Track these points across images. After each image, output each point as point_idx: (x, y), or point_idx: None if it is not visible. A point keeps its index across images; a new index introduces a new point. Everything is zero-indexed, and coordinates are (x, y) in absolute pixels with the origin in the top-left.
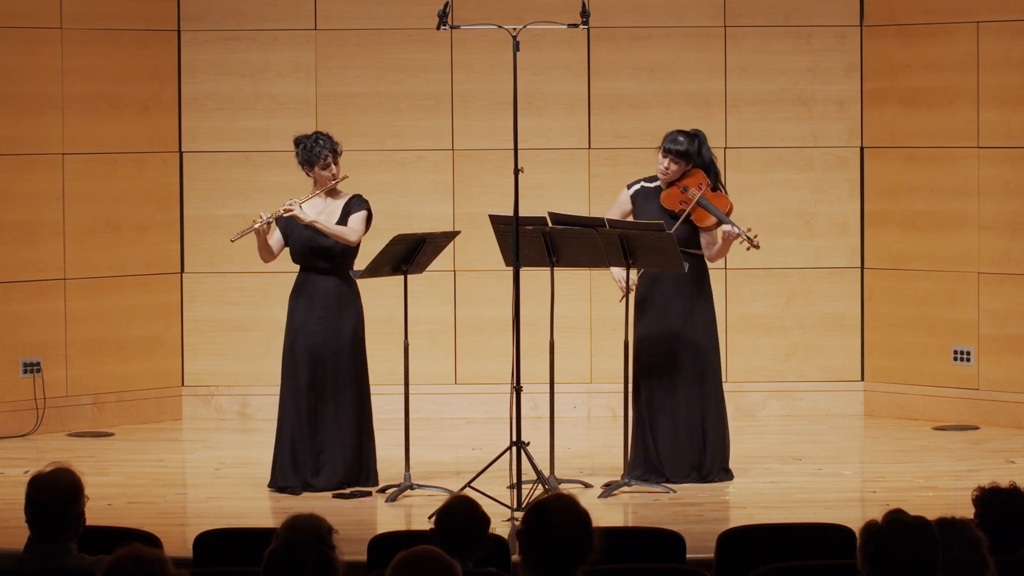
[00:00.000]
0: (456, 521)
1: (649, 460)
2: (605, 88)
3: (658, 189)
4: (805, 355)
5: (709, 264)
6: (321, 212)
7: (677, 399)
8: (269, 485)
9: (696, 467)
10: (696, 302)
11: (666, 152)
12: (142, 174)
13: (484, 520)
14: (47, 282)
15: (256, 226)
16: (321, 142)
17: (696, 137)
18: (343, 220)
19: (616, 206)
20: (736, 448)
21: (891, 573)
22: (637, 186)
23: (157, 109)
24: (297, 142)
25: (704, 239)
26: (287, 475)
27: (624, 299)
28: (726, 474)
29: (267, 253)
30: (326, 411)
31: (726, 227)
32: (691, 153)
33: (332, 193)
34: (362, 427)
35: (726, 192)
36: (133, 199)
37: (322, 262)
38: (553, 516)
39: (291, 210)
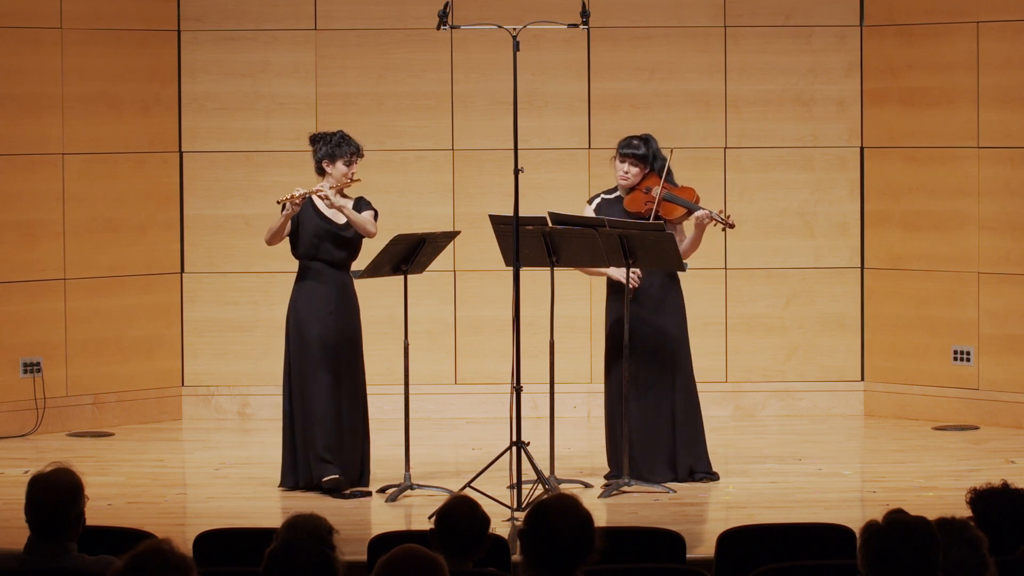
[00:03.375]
0: (456, 521)
1: (619, 459)
2: (605, 88)
3: (618, 198)
4: (805, 355)
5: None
6: (329, 210)
7: (647, 401)
8: (283, 485)
9: (671, 466)
10: (664, 306)
11: (623, 157)
12: (142, 174)
13: (484, 520)
14: (47, 282)
15: (296, 197)
16: (347, 139)
17: (649, 141)
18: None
19: None
20: (736, 448)
21: (891, 573)
22: (598, 199)
23: (157, 109)
24: (318, 138)
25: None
26: (322, 468)
27: (632, 294)
28: (708, 475)
29: (280, 236)
30: (343, 406)
31: (698, 212)
32: (647, 156)
33: (340, 194)
34: (366, 425)
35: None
36: (133, 199)
37: (334, 251)
38: (555, 516)
39: (324, 193)
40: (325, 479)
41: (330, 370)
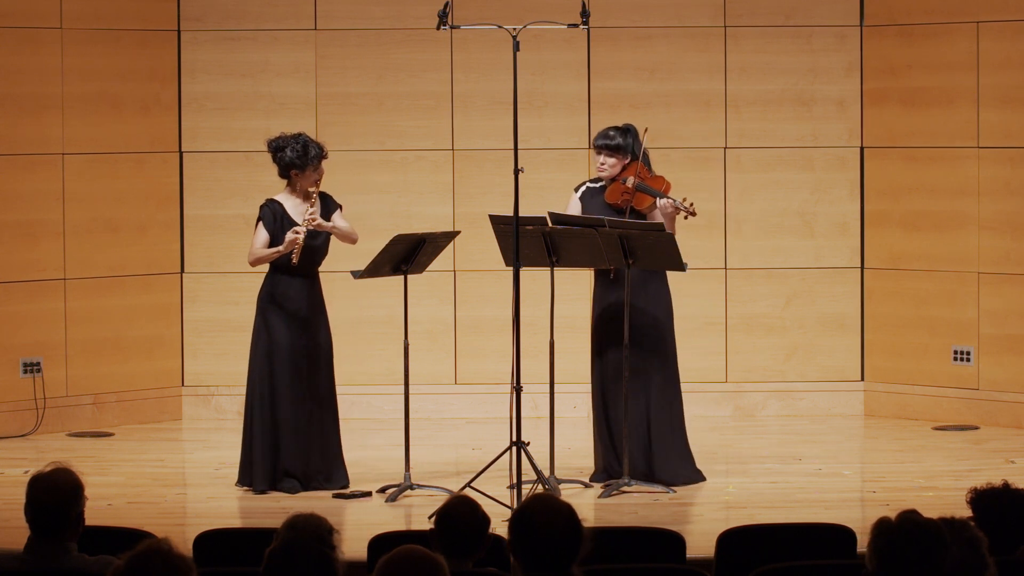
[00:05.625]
0: (456, 521)
1: (610, 460)
2: (605, 88)
3: (602, 188)
4: (805, 355)
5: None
6: (302, 215)
7: (634, 396)
8: (242, 484)
9: (646, 468)
10: (649, 300)
11: (599, 149)
12: (142, 174)
13: (484, 520)
14: (47, 282)
15: (300, 242)
16: (311, 144)
17: (628, 131)
18: (325, 219)
19: (570, 210)
20: (736, 448)
21: (898, 571)
22: (583, 187)
23: (157, 109)
24: (280, 145)
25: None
26: (265, 477)
27: (688, 216)
28: (694, 474)
29: (266, 263)
30: (310, 413)
31: (661, 201)
32: (624, 146)
33: (304, 195)
34: (337, 426)
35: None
36: (133, 199)
37: (308, 264)
38: (539, 518)
39: (316, 220)
40: (288, 492)
41: (301, 378)
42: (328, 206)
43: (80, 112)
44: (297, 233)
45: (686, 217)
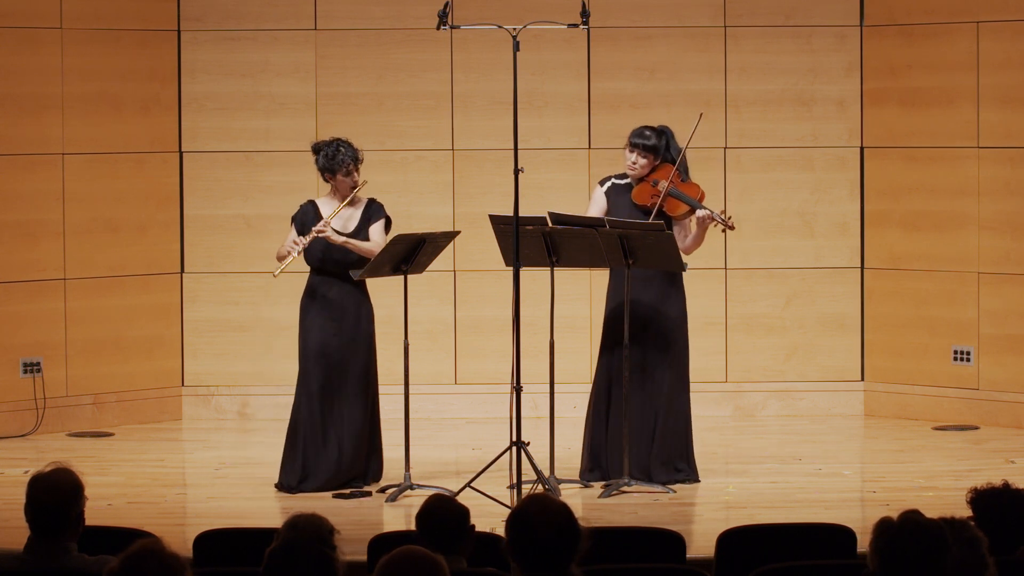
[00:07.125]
0: (434, 519)
1: (607, 456)
2: (605, 88)
3: (628, 186)
4: (805, 355)
5: (685, 257)
6: (339, 217)
7: (643, 396)
8: (279, 485)
9: (644, 466)
10: (667, 300)
11: (633, 147)
12: (142, 174)
13: (462, 512)
14: (47, 282)
15: (296, 254)
16: (343, 150)
17: (663, 133)
18: (363, 226)
19: (594, 204)
20: (736, 448)
21: (899, 571)
22: (609, 183)
23: (157, 109)
24: (317, 148)
25: (677, 230)
26: (298, 476)
27: (726, 229)
28: (686, 473)
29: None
30: (343, 411)
31: (700, 212)
32: (658, 148)
33: (341, 197)
34: (376, 426)
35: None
36: (133, 199)
37: (342, 261)
38: (537, 518)
39: (324, 232)
40: (334, 479)
41: (334, 377)
42: (370, 215)
43: (80, 112)
44: (295, 244)
45: (724, 230)
